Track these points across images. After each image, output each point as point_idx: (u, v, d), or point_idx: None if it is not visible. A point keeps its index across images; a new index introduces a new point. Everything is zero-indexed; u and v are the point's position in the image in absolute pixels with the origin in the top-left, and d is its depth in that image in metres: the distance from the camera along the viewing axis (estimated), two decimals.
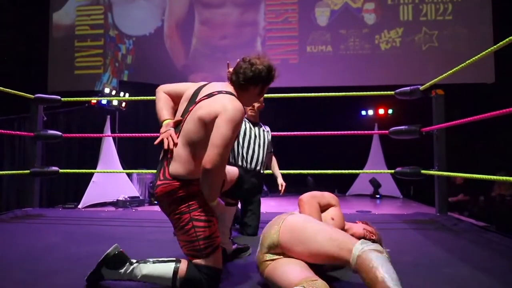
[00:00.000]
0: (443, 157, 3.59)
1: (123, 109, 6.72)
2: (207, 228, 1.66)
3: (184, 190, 1.67)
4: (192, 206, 1.67)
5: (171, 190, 1.67)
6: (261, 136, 2.84)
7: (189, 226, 1.65)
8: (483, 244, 2.48)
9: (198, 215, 1.66)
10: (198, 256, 1.65)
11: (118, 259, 1.61)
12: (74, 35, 8.23)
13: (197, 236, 1.65)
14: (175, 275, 1.60)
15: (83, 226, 3.27)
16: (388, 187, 7.46)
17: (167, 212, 1.73)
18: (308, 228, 1.52)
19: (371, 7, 7.97)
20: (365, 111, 8.77)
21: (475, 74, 7.06)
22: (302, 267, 1.48)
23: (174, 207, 1.68)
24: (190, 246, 1.66)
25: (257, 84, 1.80)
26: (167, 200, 1.69)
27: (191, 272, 1.61)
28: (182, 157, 1.68)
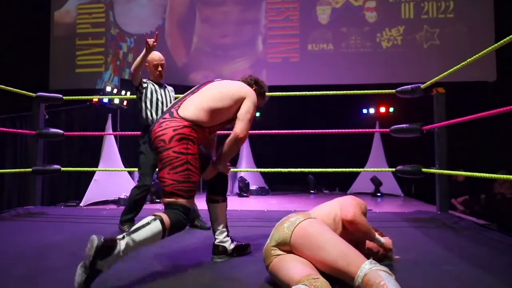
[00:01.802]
0: (444, 156, 3.59)
1: (125, 107, 6.73)
2: (196, 175, 1.86)
3: (188, 130, 1.86)
4: (189, 150, 1.85)
5: (178, 125, 1.86)
6: (167, 96, 3.12)
7: (183, 167, 1.81)
8: (484, 242, 2.49)
9: (192, 160, 1.85)
10: (183, 196, 1.81)
11: (107, 245, 1.58)
12: (75, 34, 8.24)
13: (189, 178, 1.82)
14: (164, 228, 1.70)
15: (84, 224, 3.28)
16: (389, 186, 7.45)
17: (164, 149, 1.84)
18: (323, 238, 1.53)
19: (372, 5, 7.95)
20: (366, 110, 8.76)
21: (476, 72, 7.05)
22: (305, 264, 1.49)
23: (175, 144, 1.83)
24: (179, 185, 1.80)
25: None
26: (170, 135, 1.84)
27: (173, 218, 1.75)
28: (194, 106, 1.94)
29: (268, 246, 1.63)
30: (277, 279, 1.53)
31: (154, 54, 3.09)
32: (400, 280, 1.66)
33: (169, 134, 1.84)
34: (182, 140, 1.84)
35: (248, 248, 2.18)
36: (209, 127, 1.99)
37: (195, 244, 2.42)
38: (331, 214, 1.78)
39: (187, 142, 1.85)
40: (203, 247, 2.32)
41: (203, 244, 2.39)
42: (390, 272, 1.38)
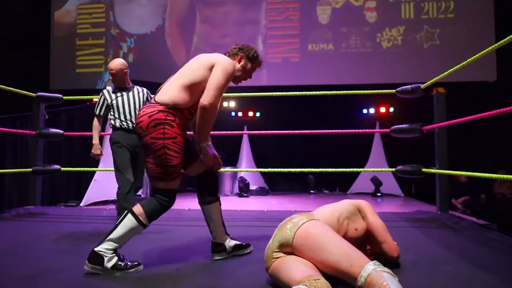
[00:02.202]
0: (444, 156, 3.59)
1: None
2: (175, 158, 1.89)
3: (164, 114, 1.89)
4: (167, 134, 1.87)
5: (153, 111, 1.90)
6: (134, 98, 3.25)
7: (161, 152, 1.87)
8: (484, 242, 2.49)
9: (170, 144, 1.87)
10: (165, 179, 1.89)
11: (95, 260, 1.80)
12: (76, 34, 8.24)
13: (167, 163, 1.87)
14: (138, 219, 1.83)
15: (85, 224, 3.28)
16: (389, 186, 7.45)
17: (143, 135, 1.90)
18: (325, 239, 1.52)
19: (372, 5, 7.95)
20: (366, 110, 8.76)
21: (476, 72, 7.04)
22: (307, 265, 1.48)
23: (152, 130, 1.87)
24: (157, 169, 1.89)
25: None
26: (147, 121, 1.88)
27: (147, 207, 1.86)
28: (169, 89, 1.97)
29: (270, 248, 1.62)
30: (278, 281, 1.52)
31: (112, 62, 3.27)
32: (401, 280, 1.66)
33: (146, 121, 1.89)
34: (158, 126, 1.88)
35: (248, 248, 2.17)
36: (187, 108, 1.96)
37: (195, 244, 2.42)
38: (335, 215, 1.78)
39: (163, 127, 1.88)
40: (203, 246, 2.32)
41: (203, 244, 2.39)
42: (394, 274, 1.37)
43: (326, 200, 6.81)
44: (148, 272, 1.82)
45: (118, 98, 3.22)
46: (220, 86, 1.94)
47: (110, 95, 3.26)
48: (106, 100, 3.24)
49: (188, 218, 3.67)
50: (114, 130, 3.21)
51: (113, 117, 3.21)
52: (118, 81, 3.26)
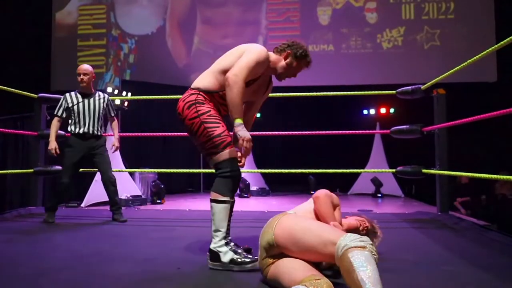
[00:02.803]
0: (445, 157, 3.59)
1: (126, 108, 6.74)
2: (217, 128, 1.93)
3: (194, 97, 1.98)
4: (200, 111, 1.95)
5: (186, 96, 2.01)
6: (94, 105, 3.51)
7: (201, 128, 1.93)
8: (484, 242, 2.49)
9: (206, 118, 1.94)
10: (216, 152, 1.91)
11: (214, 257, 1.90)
12: (77, 35, 8.26)
13: (210, 134, 1.92)
14: (221, 201, 1.90)
15: (86, 225, 3.29)
16: (390, 186, 7.45)
17: (182, 119, 2.00)
18: (299, 228, 1.53)
19: (372, 6, 7.96)
20: (367, 110, 8.76)
21: (477, 73, 7.04)
22: (305, 265, 1.48)
23: (186, 112, 1.96)
24: (207, 145, 1.93)
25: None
26: (182, 105, 1.99)
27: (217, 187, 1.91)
28: (202, 76, 2.06)
29: (261, 258, 1.64)
30: (278, 283, 1.51)
31: (82, 66, 3.54)
32: (401, 281, 1.67)
33: (181, 105, 2.00)
34: (191, 107, 1.96)
35: (248, 264, 1.88)
36: (217, 91, 2.02)
37: (195, 244, 2.43)
38: (311, 208, 1.82)
39: (195, 106, 1.96)
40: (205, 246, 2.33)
41: (205, 244, 2.40)
42: (366, 244, 1.32)
43: None
44: (149, 272, 1.83)
45: (79, 104, 3.47)
46: (245, 64, 1.94)
47: (72, 99, 3.49)
48: (67, 104, 3.47)
49: (188, 219, 3.67)
50: (71, 135, 3.48)
51: (72, 122, 3.47)
52: (86, 87, 3.51)
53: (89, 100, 3.50)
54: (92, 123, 3.49)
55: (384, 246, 2.36)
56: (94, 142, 3.53)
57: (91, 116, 3.47)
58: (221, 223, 1.89)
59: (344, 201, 6.78)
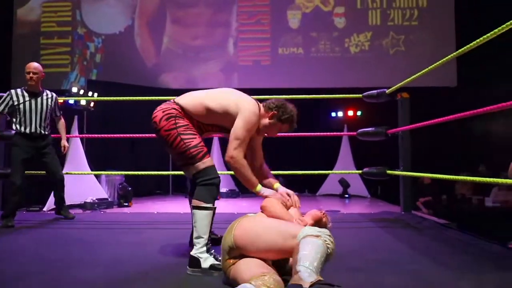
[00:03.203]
0: (408, 158, 3.72)
1: (92, 109, 6.56)
2: (193, 139, 1.98)
3: (176, 111, 2.02)
4: (178, 124, 1.99)
5: (167, 107, 2.04)
6: (42, 104, 3.48)
7: (177, 140, 1.96)
8: (445, 240, 2.60)
9: (183, 130, 1.99)
10: (195, 161, 1.94)
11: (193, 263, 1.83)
12: (40, 32, 7.95)
13: (187, 146, 1.95)
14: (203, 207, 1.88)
15: (49, 229, 3.18)
16: (357, 187, 7.63)
17: (157, 129, 2.01)
18: (258, 227, 1.56)
19: (341, 11, 8.14)
20: (335, 113, 8.94)
21: (438, 78, 7.35)
22: (259, 264, 1.49)
23: (164, 123, 1.99)
24: (184, 156, 1.96)
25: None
26: (159, 116, 2.01)
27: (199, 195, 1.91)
28: (191, 98, 2.09)
29: (223, 260, 1.64)
30: (235, 284, 1.49)
31: (31, 64, 3.49)
32: (366, 279, 1.71)
33: (159, 116, 2.02)
34: (170, 118, 2.00)
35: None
36: (197, 120, 2.08)
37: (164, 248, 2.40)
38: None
39: (175, 119, 2.00)
40: (173, 250, 2.30)
41: (173, 248, 2.37)
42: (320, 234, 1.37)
43: None
44: (119, 276, 1.79)
45: (26, 103, 3.40)
46: (241, 138, 2.00)
47: (18, 97, 3.41)
48: (12, 101, 3.39)
49: (157, 222, 3.62)
50: (16, 133, 3.39)
51: (17, 121, 3.37)
52: (34, 85, 3.45)
53: (36, 100, 3.45)
54: (39, 122, 3.44)
55: (351, 245, 2.42)
56: (41, 142, 3.48)
57: (37, 115, 3.42)
58: (204, 229, 1.89)
59: (312, 202, 6.91)
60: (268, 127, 2.17)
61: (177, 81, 8.23)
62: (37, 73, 3.45)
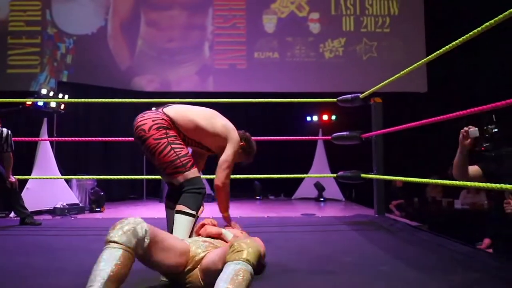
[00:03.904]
0: (381, 162, 3.79)
1: (62, 111, 6.36)
2: (183, 149, 2.05)
3: (166, 123, 2.06)
4: (169, 134, 2.04)
5: (157, 117, 2.06)
6: None
7: (168, 148, 2.00)
8: (416, 242, 2.66)
9: (173, 140, 2.03)
10: (183, 171, 2.00)
11: None
12: (7, 32, 7.67)
13: (177, 154, 2.01)
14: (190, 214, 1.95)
15: (16, 236, 3.05)
16: (332, 191, 7.72)
17: (145, 138, 2.02)
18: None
19: (316, 16, 8.26)
20: (310, 117, 9.03)
21: (410, 83, 7.56)
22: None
23: (154, 131, 2.01)
24: (173, 164, 2.00)
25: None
26: (149, 124, 2.03)
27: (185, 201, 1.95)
28: (179, 109, 2.15)
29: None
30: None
31: None
32: (339, 281, 1.72)
33: (148, 124, 2.03)
34: (160, 128, 2.03)
35: None
36: (184, 134, 2.15)
37: None
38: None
39: (165, 130, 2.04)
40: None
41: None
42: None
43: (272, 205, 6.90)
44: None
45: None
46: (231, 166, 2.22)
47: None
48: None
49: None
50: None
51: None
52: None
53: None
54: None
55: (326, 248, 2.44)
56: None
57: None
58: (183, 235, 1.91)
59: (288, 206, 6.94)
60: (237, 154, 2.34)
61: (151, 84, 8.11)
62: None
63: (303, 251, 2.36)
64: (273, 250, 2.35)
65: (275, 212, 5.50)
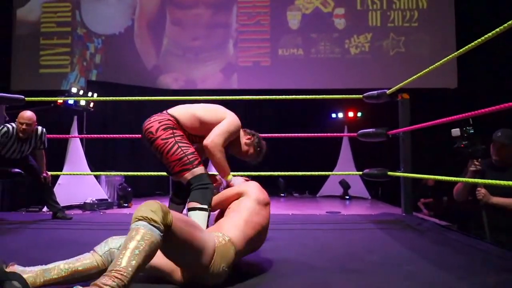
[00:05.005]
0: (409, 159, 3.70)
1: (91, 109, 6.54)
2: (189, 147, 2.10)
3: (172, 123, 2.13)
4: (176, 133, 2.11)
5: (163, 119, 2.14)
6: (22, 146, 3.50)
7: (175, 147, 2.06)
8: (445, 242, 2.58)
9: (180, 139, 2.10)
10: (190, 168, 2.04)
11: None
12: (40, 33, 7.95)
13: (184, 152, 2.06)
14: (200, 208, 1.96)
15: (48, 231, 3.16)
16: (357, 188, 7.62)
17: (153, 139, 2.09)
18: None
19: (341, 12, 8.14)
20: (335, 114, 8.93)
21: (439, 79, 7.34)
22: None
23: (161, 132, 2.08)
24: (181, 162, 2.05)
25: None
26: (156, 126, 2.10)
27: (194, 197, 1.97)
28: (184, 111, 2.20)
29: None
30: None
31: (24, 113, 3.45)
32: (361, 280, 1.70)
33: (155, 126, 2.11)
34: (167, 129, 2.10)
35: None
36: (189, 133, 2.20)
37: None
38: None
39: (172, 130, 2.11)
40: None
41: None
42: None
43: (297, 203, 6.88)
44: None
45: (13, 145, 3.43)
46: (221, 131, 2.17)
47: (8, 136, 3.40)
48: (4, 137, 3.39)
49: None
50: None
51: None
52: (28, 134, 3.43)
53: (23, 144, 3.50)
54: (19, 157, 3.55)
55: (350, 246, 2.40)
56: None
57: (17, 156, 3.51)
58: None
59: (313, 203, 6.89)
60: (241, 146, 2.36)
61: (177, 82, 8.22)
62: (31, 124, 3.45)
63: (327, 249, 2.34)
64: (297, 247, 2.34)
65: (300, 210, 5.48)
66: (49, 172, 3.72)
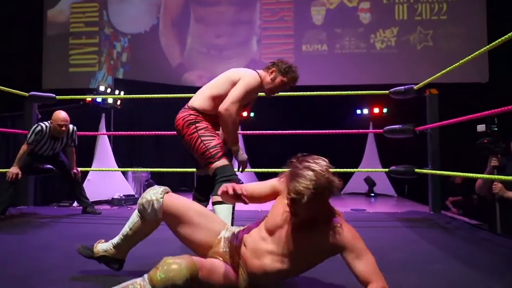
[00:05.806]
0: (437, 156, 3.61)
1: (119, 107, 6.70)
2: (213, 140, 2.13)
3: (194, 117, 2.18)
4: (199, 127, 2.15)
5: (185, 115, 2.19)
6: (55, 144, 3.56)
7: (198, 142, 2.12)
8: (475, 242, 2.51)
9: (203, 132, 2.14)
10: (213, 161, 2.09)
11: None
12: (69, 33, 8.19)
13: (207, 146, 2.11)
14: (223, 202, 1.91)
15: (78, 225, 3.26)
16: (383, 186, 7.50)
17: (181, 136, 2.19)
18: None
19: (366, 6, 7.99)
20: (360, 110, 8.80)
21: (469, 73, 7.10)
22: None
23: (186, 130, 2.16)
24: (204, 156, 2.11)
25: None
26: (181, 124, 2.18)
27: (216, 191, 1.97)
28: (199, 96, 2.23)
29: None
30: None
31: (59, 114, 3.46)
32: (391, 279, 1.67)
33: (181, 124, 2.19)
34: (190, 125, 2.16)
35: None
36: (210, 114, 2.20)
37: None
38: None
39: (195, 124, 2.16)
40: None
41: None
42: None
43: None
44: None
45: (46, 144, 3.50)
46: (237, 97, 2.14)
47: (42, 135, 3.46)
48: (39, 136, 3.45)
49: None
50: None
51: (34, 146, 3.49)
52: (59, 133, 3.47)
53: (55, 142, 3.57)
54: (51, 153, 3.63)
55: (377, 245, 2.37)
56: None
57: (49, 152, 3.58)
58: (226, 220, 1.93)
59: (337, 201, 6.81)
60: (272, 84, 2.32)
61: (201, 79, 8.30)
62: (68, 124, 3.52)
63: None
64: None
65: None
66: (79, 168, 3.82)
